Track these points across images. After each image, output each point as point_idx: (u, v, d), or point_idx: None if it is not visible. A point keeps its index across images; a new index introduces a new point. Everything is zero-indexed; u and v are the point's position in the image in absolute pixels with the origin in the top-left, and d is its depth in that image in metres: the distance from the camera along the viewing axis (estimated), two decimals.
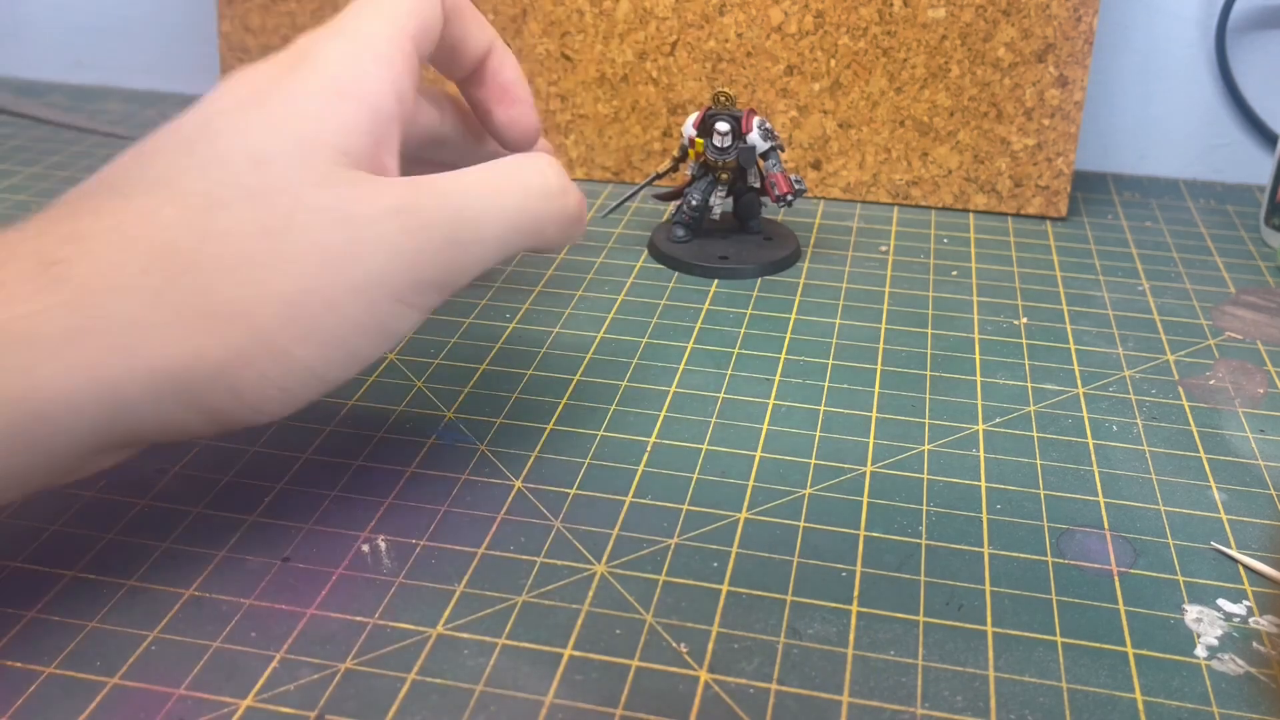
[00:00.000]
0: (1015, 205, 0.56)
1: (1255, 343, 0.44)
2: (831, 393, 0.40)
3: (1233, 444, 0.38)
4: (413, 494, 0.35)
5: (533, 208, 0.33)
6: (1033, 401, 0.40)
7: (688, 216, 0.50)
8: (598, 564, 0.32)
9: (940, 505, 0.34)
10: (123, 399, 0.27)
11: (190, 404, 0.28)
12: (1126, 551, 0.33)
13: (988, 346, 0.44)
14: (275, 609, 0.30)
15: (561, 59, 0.57)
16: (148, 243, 0.28)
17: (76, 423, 0.27)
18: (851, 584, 0.31)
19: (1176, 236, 0.54)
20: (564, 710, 0.27)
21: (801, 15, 0.54)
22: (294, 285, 0.29)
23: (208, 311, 0.28)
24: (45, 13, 0.72)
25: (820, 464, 0.36)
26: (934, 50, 0.54)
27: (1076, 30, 0.53)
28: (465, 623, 0.30)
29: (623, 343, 0.43)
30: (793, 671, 0.28)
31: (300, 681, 0.28)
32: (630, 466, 0.36)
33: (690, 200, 0.50)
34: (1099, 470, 0.36)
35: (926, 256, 0.51)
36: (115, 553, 0.32)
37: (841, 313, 0.46)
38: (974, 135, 0.55)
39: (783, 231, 0.52)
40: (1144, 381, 0.42)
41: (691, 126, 0.49)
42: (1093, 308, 0.47)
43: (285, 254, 0.29)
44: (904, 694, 0.28)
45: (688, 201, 0.50)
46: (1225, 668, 0.29)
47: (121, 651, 0.29)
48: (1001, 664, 0.29)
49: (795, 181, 0.49)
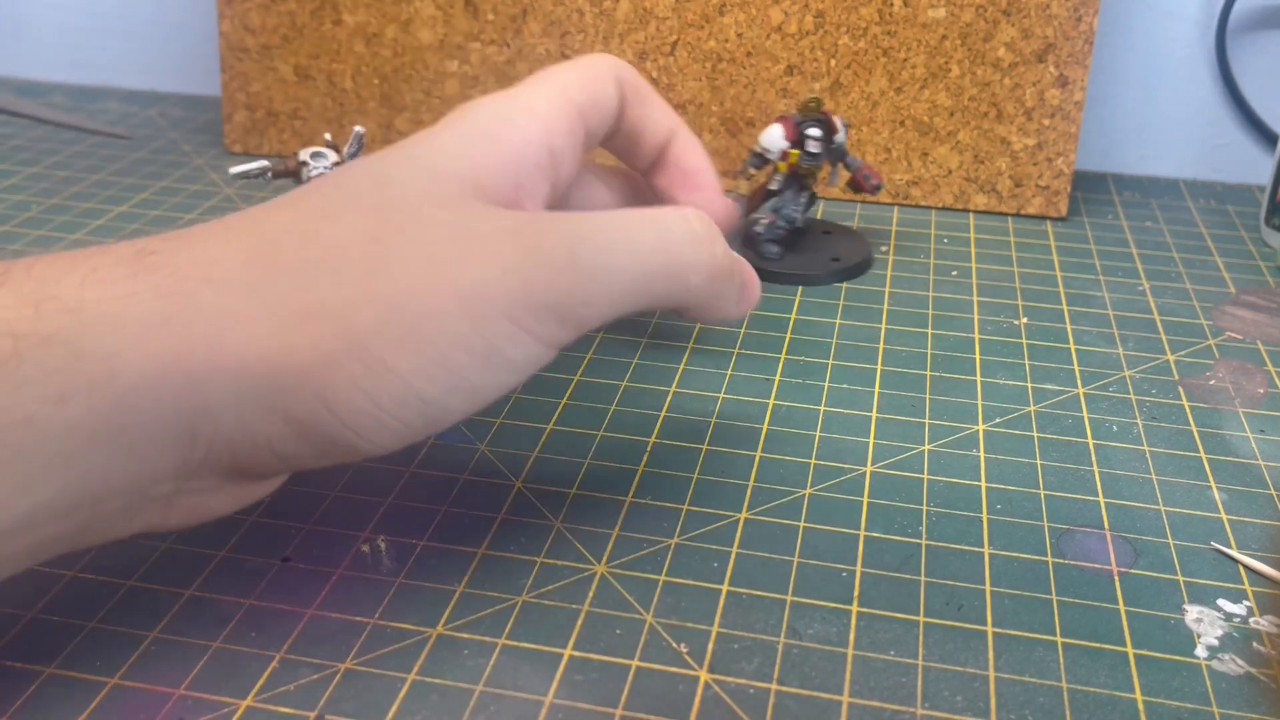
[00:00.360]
0: (1015, 205, 0.56)
1: (1255, 343, 0.44)
2: (831, 393, 0.40)
3: (1233, 444, 0.38)
4: (413, 494, 0.35)
5: (673, 250, 0.31)
6: (1033, 401, 0.40)
7: (785, 232, 0.49)
8: (598, 564, 0.32)
9: (940, 505, 0.34)
10: (205, 397, 0.25)
11: (277, 411, 0.26)
12: (1127, 551, 0.33)
13: (988, 346, 0.44)
14: (275, 609, 0.30)
15: (561, 59, 0.57)
16: (250, 239, 0.27)
17: (158, 415, 0.25)
18: (851, 584, 0.31)
19: (1177, 236, 0.54)
20: (564, 710, 0.27)
21: (801, 15, 0.54)
22: (395, 287, 0.27)
23: (301, 309, 0.26)
24: (45, 13, 0.72)
25: (820, 464, 0.36)
26: (934, 50, 0.54)
27: (1077, 30, 0.53)
28: (465, 623, 0.30)
29: (623, 342, 0.43)
30: (793, 671, 0.28)
31: (300, 682, 0.28)
32: (630, 466, 0.36)
33: (788, 214, 0.48)
34: (1099, 470, 0.36)
35: (926, 256, 0.51)
36: (115, 553, 0.32)
37: (841, 313, 0.46)
38: (974, 135, 0.55)
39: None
40: (1144, 381, 0.42)
41: (783, 139, 0.47)
42: (1093, 308, 0.47)
43: (390, 258, 0.27)
44: (904, 694, 0.28)
45: (784, 216, 0.48)
46: (1225, 668, 0.29)
47: (121, 651, 0.29)
48: (1001, 664, 0.29)
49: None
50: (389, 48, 0.58)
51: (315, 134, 0.60)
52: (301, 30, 0.58)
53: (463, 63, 0.58)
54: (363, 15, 0.57)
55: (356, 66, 0.58)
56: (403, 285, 0.27)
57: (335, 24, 0.58)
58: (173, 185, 0.57)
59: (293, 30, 0.58)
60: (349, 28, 0.58)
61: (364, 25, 0.58)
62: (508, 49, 0.57)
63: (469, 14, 0.57)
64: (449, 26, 0.57)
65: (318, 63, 0.59)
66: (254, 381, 0.26)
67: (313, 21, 0.58)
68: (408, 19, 0.57)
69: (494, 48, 0.57)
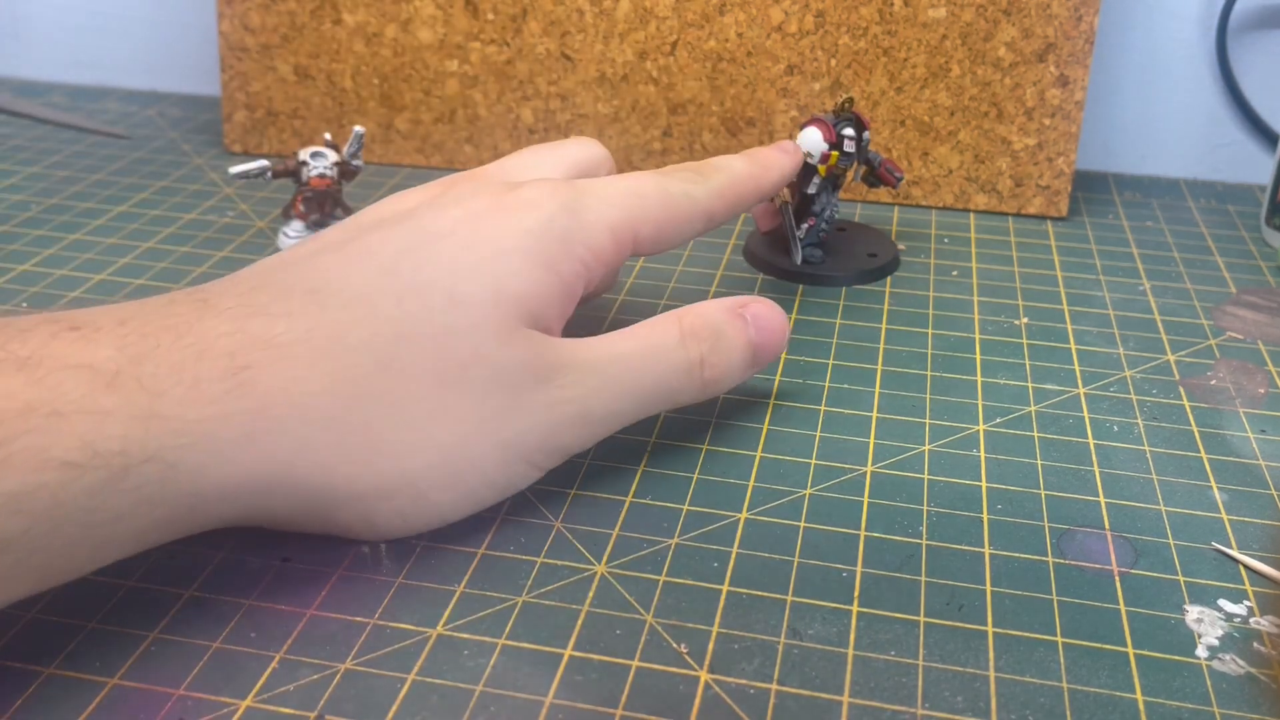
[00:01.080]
0: (1016, 205, 0.56)
1: (1256, 343, 0.44)
2: (831, 393, 0.40)
3: (1233, 444, 0.38)
4: None
5: (667, 383, 0.34)
6: (1033, 401, 0.40)
7: (825, 235, 0.49)
8: (598, 564, 0.32)
9: (941, 505, 0.34)
10: (266, 500, 0.29)
11: (320, 516, 0.30)
12: (1127, 552, 0.33)
13: (988, 346, 0.44)
14: (275, 609, 0.30)
15: (561, 59, 0.57)
16: (333, 364, 0.29)
17: (222, 511, 0.29)
18: (852, 584, 0.31)
19: (1177, 236, 0.54)
20: (564, 710, 0.27)
21: (802, 15, 0.54)
22: (451, 438, 0.30)
23: (370, 446, 0.30)
24: (45, 13, 0.72)
25: (820, 464, 0.36)
26: (934, 50, 0.54)
27: (1077, 30, 0.53)
28: (465, 623, 0.30)
29: None
30: (793, 672, 0.28)
31: (300, 682, 0.28)
32: (630, 466, 0.36)
33: (829, 216, 0.48)
34: (1100, 470, 0.36)
35: (927, 256, 0.51)
36: None
37: (842, 312, 0.46)
38: (974, 135, 0.55)
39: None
40: (1145, 381, 0.41)
41: (823, 142, 0.46)
42: (1093, 308, 0.47)
43: (451, 407, 0.30)
44: (904, 694, 0.28)
45: (825, 220, 0.48)
46: (1226, 668, 0.29)
47: (121, 651, 0.29)
48: (1002, 664, 0.29)
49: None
50: (389, 47, 0.58)
51: (315, 134, 0.60)
52: (301, 30, 0.58)
53: (463, 62, 0.58)
54: (363, 15, 0.57)
55: (356, 66, 0.58)
56: (456, 436, 0.31)
57: (335, 24, 0.58)
58: (172, 185, 0.57)
59: (293, 30, 0.58)
60: (349, 27, 0.58)
61: (364, 25, 0.58)
62: (508, 49, 0.57)
63: (469, 14, 0.57)
64: (449, 26, 0.57)
65: (317, 62, 0.59)
66: (314, 496, 0.30)
67: (312, 21, 0.58)
68: (408, 19, 0.57)
69: (494, 48, 0.57)
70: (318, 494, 0.29)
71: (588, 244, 0.33)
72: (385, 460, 0.30)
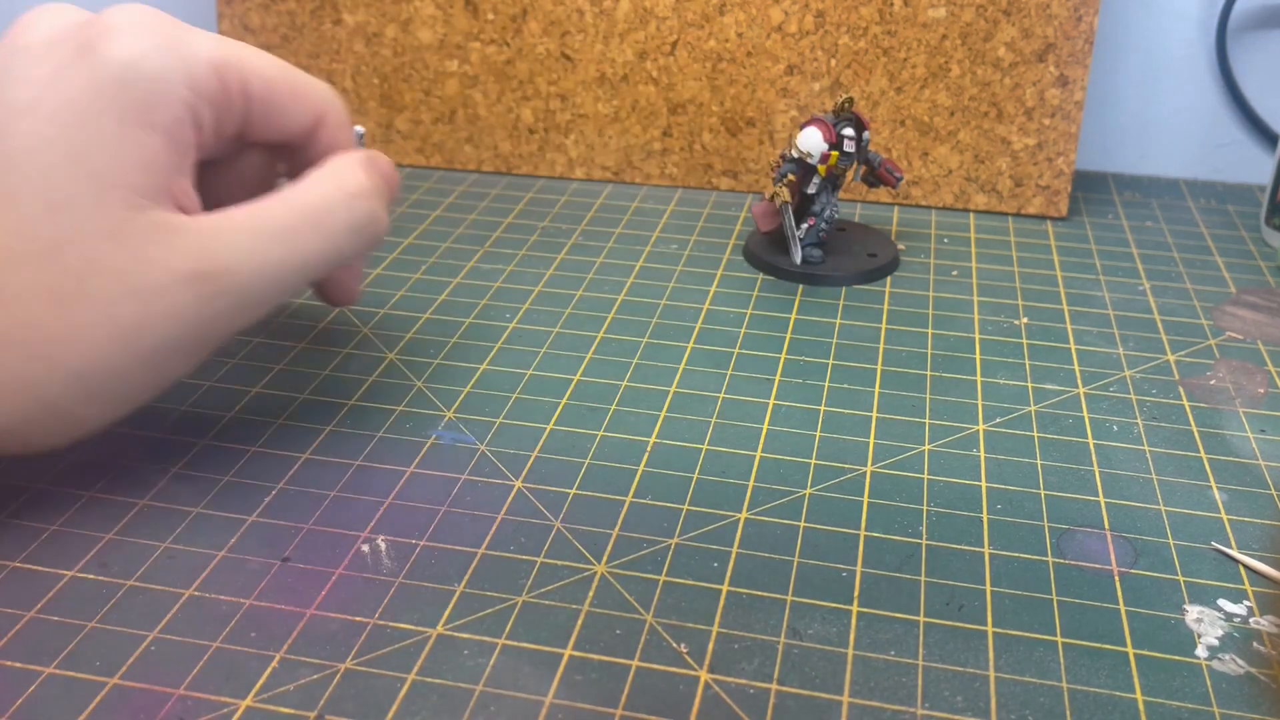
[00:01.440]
0: (1015, 205, 0.56)
1: (1256, 343, 0.44)
2: (831, 393, 0.40)
3: (1233, 444, 0.38)
4: (413, 494, 0.35)
5: (335, 245, 0.33)
6: (1033, 401, 0.40)
7: (825, 235, 0.49)
8: (598, 564, 0.32)
9: (940, 505, 0.34)
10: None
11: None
12: (1127, 551, 0.33)
13: (988, 346, 0.44)
14: (275, 609, 0.30)
15: (561, 59, 0.57)
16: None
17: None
18: (852, 584, 0.31)
19: (1177, 236, 0.54)
20: (564, 710, 0.27)
21: (802, 15, 0.54)
22: (83, 359, 0.29)
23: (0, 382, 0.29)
24: None
25: (820, 464, 0.36)
26: (934, 50, 0.54)
27: (1077, 30, 0.53)
28: (465, 623, 0.30)
29: (623, 342, 0.43)
30: (793, 672, 0.28)
31: (300, 681, 0.28)
32: (630, 466, 0.36)
33: (830, 215, 0.48)
34: (1099, 470, 0.36)
35: (926, 256, 0.51)
36: (115, 552, 0.32)
37: (841, 312, 0.46)
38: (974, 135, 0.55)
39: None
40: (1144, 381, 0.41)
41: (824, 142, 0.47)
42: (1093, 308, 0.47)
43: (76, 327, 0.29)
44: (904, 694, 0.28)
45: (825, 219, 0.48)
46: (1226, 668, 0.29)
47: (121, 651, 0.29)
48: (1002, 664, 0.29)
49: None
50: (389, 47, 0.58)
51: None
52: (301, 30, 0.58)
53: (463, 62, 0.58)
54: (363, 15, 0.57)
55: (356, 66, 0.58)
56: (90, 356, 0.29)
57: (335, 23, 0.58)
58: None
59: (293, 30, 0.58)
60: (349, 27, 0.58)
61: (364, 25, 0.58)
62: (508, 49, 0.57)
63: (469, 14, 0.57)
64: (449, 26, 0.57)
65: (318, 62, 0.59)
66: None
67: (312, 21, 0.58)
68: (408, 19, 0.57)
69: (494, 47, 0.57)
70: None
71: (188, 80, 0.30)
72: (19, 395, 0.29)
